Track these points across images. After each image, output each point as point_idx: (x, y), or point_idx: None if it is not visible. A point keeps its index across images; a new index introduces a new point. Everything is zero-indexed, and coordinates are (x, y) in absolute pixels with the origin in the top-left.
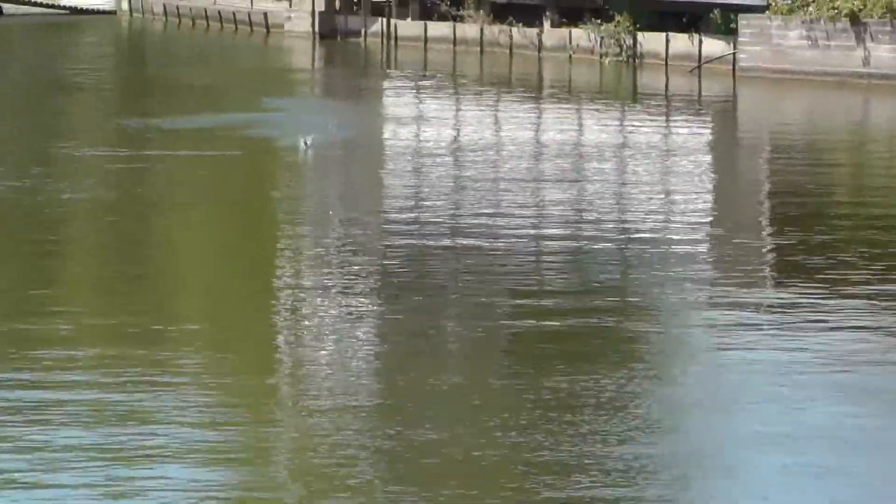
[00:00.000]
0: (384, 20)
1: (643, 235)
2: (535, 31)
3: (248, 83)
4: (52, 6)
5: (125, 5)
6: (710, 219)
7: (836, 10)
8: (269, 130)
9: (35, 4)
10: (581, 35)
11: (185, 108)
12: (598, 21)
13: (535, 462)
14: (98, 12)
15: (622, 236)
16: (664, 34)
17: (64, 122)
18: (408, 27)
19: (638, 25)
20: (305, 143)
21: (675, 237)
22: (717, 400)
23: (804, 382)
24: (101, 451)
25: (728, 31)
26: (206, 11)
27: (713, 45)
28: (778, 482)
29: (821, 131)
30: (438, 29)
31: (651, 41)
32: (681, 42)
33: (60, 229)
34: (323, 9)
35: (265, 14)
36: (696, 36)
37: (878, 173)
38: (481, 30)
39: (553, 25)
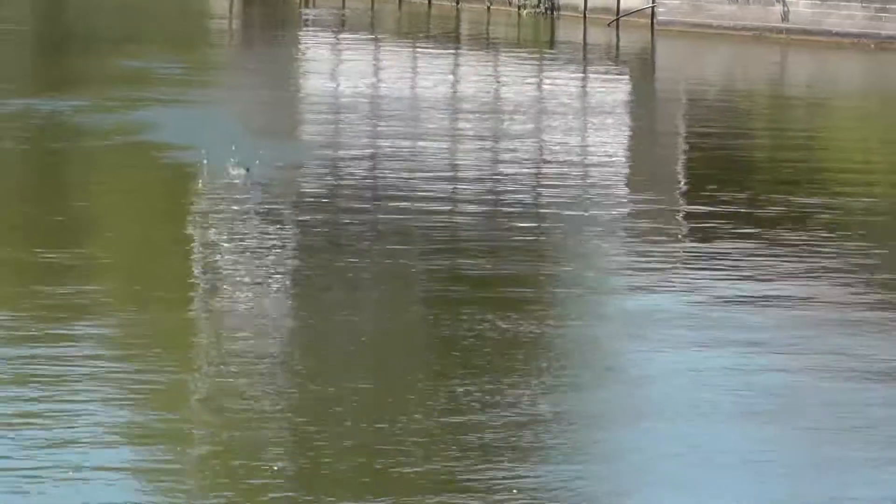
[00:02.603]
0: None
1: (559, 193)
2: None
3: (166, 33)
4: None
5: None
6: (625, 176)
7: None
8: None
9: None
10: None
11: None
12: None
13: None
14: None
15: (537, 194)
16: None
17: None
18: None
19: None
20: (247, 170)
21: (592, 194)
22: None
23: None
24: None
25: None
26: None
27: None
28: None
29: (738, 85)
30: None
31: None
32: None
33: None
34: None
35: None
36: None
37: (796, 126)
38: None
39: None
